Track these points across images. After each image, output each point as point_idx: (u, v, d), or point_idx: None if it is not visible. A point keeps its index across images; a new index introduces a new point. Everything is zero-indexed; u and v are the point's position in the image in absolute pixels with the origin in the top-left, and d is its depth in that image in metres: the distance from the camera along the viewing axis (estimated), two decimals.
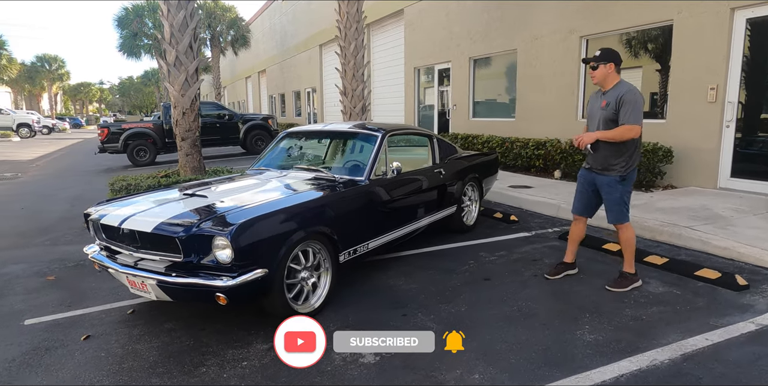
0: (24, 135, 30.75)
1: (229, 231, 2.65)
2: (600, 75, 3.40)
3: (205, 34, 26.35)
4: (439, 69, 12.25)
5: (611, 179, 3.43)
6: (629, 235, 3.53)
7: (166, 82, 6.35)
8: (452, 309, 3.26)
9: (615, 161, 3.39)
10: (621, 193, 3.45)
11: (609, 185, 3.45)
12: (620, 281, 3.54)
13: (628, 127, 3.26)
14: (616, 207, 3.48)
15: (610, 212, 3.52)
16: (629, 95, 3.27)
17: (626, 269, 3.58)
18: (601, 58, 3.38)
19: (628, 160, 3.40)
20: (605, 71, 3.38)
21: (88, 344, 2.96)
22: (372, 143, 3.99)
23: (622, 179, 3.42)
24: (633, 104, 3.25)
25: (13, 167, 14.41)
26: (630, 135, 3.28)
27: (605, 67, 3.38)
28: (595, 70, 3.39)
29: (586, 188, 3.65)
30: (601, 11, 7.67)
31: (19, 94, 50.33)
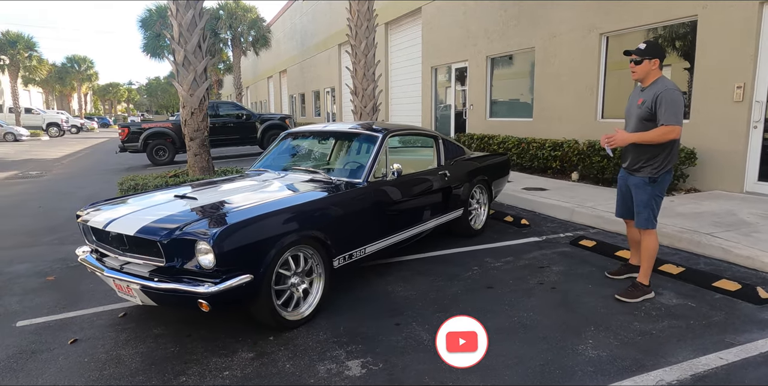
0: (53, 134, 31.59)
1: (211, 236, 2.55)
2: (642, 71, 3.20)
3: (226, 35, 26.61)
4: (456, 68, 12.05)
5: (640, 180, 3.27)
6: (652, 244, 3.33)
7: (175, 81, 6.34)
8: (449, 318, 3.10)
9: (647, 161, 3.22)
10: (650, 196, 3.25)
11: (638, 187, 3.29)
12: (631, 292, 3.33)
13: (669, 128, 3.05)
14: (644, 211, 3.28)
15: (638, 215, 3.32)
16: (667, 94, 3.07)
17: (640, 280, 3.38)
18: (646, 52, 3.17)
19: (662, 161, 3.20)
20: (649, 67, 3.18)
21: (73, 348, 2.90)
22: (372, 143, 3.86)
23: (652, 180, 3.23)
24: (672, 103, 3.05)
25: (39, 166, 14.74)
26: (670, 137, 3.08)
27: (650, 62, 3.18)
28: (639, 64, 3.19)
29: (623, 190, 3.51)
30: (622, 7, 7.38)
31: (51, 94, 51.78)
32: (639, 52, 3.19)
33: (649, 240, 3.32)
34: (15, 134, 25.89)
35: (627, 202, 3.51)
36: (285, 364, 2.62)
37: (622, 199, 3.56)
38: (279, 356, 2.71)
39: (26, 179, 11.83)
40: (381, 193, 3.68)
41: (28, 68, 33.37)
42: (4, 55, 30.90)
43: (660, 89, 3.13)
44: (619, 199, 3.59)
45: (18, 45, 30.98)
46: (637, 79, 3.30)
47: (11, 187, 10.27)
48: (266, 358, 2.69)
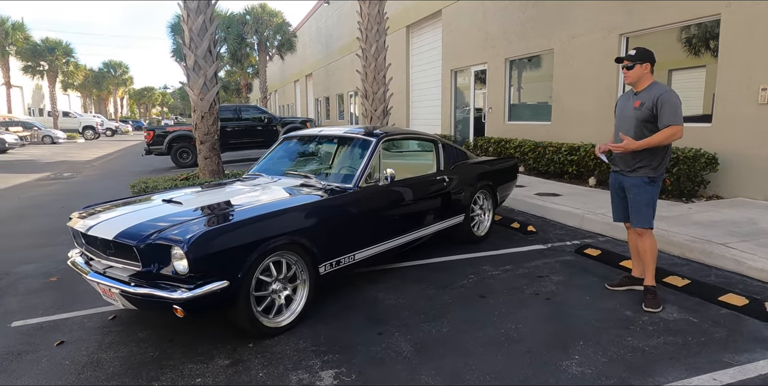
0: (88, 137, 32.72)
1: (185, 241, 2.54)
2: (635, 75, 3.25)
3: (252, 40, 27.03)
4: (476, 71, 11.89)
5: (640, 180, 3.27)
6: (652, 243, 3.32)
7: (186, 86, 6.43)
8: (433, 329, 3.02)
9: (647, 161, 3.23)
10: (651, 195, 3.28)
11: (637, 187, 3.29)
12: (653, 300, 3.24)
13: (675, 128, 3.09)
14: (645, 209, 3.28)
15: (637, 215, 3.31)
16: (668, 96, 3.12)
17: (648, 283, 3.33)
18: (636, 57, 3.23)
19: (661, 160, 3.25)
20: (641, 72, 3.24)
21: (58, 350, 2.94)
22: (365, 148, 3.80)
23: (652, 180, 3.26)
24: (673, 105, 3.11)
25: (71, 167, 15.24)
26: (676, 137, 3.12)
27: (641, 67, 3.23)
28: (630, 70, 3.25)
29: (618, 193, 3.50)
30: (642, 7, 7.13)
31: (89, 98, 53.71)
32: (630, 57, 3.24)
33: (649, 239, 3.32)
34: (52, 137, 26.90)
35: (622, 205, 3.49)
36: (258, 373, 2.59)
37: (616, 203, 3.55)
38: (254, 364, 2.68)
39: (57, 180, 12.24)
40: (372, 199, 3.62)
41: (66, 73, 34.68)
42: (44, 61, 32.18)
43: (660, 91, 3.16)
44: (616, 203, 3.55)
45: (56, 51, 32.23)
46: (629, 83, 3.33)
47: (41, 188, 10.63)
48: (241, 366, 2.66)
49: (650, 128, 3.18)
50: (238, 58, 28.30)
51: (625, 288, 3.56)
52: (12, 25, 29.67)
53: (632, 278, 3.59)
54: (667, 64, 7.08)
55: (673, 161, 6.10)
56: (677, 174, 6.05)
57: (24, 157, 18.65)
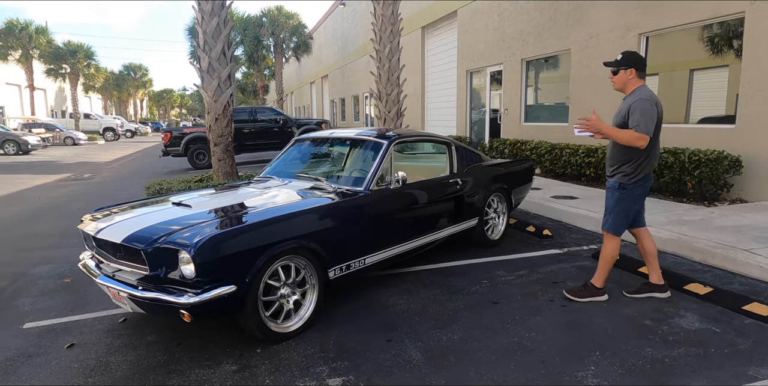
0: (109, 138, 33.26)
1: (192, 245, 2.51)
2: (619, 81, 3.23)
3: (268, 41, 27.20)
4: (491, 72, 11.77)
5: (612, 184, 3.32)
6: (610, 249, 3.35)
7: (200, 88, 6.46)
8: (444, 336, 2.95)
9: (619, 167, 3.25)
10: (616, 201, 3.28)
11: (609, 190, 3.35)
12: (580, 291, 3.39)
13: (637, 135, 3.00)
14: (609, 215, 3.33)
15: (604, 217, 3.38)
16: (640, 104, 3.04)
17: (594, 281, 3.42)
18: (621, 62, 3.19)
19: (634, 169, 3.19)
20: (625, 77, 3.19)
21: (68, 353, 2.94)
22: (376, 151, 3.75)
23: (622, 187, 3.24)
24: (643, 112, 3.01)
25: (91, 169, 15.48)
26: (637, 143, 3.02)
27: (626, 72, 3.18)
28: (616, 75, 3.23)
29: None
30: (663, 6, 6.96)
31: (109, 100, 54.65)
32: (615, 63, 3.20)
33: (609, 245, 3.34)
34: (74, 138, 27.39)
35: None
36: (265, 379, 2.55)
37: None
38: (261, 370, 2.64)
39: (77, 181, 12.43)
40: (383, 202, 3.56)
41: (87, 76, 35.31)
42: (66, 64, 32.83)
43: (634, 99, 3.10)
44: None
45: (78, 54, 32.85)
46: (617, 89, 3.29)
47: (60, 189, 10.79)
48: (248, 372, 2.63)
49: None
50: (254, 60, 28.49)
51: (644, 295, 3.46)
52: (35, 29, 30.32)
53: (651, 284, 3.49)
54: (689, 64, 6.90)
55: (694, 164, 5.94)
56: (699, 177, 5.88)
57: (46, 158, 19.01)
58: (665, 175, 6.31)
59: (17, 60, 30.58)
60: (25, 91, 32.83)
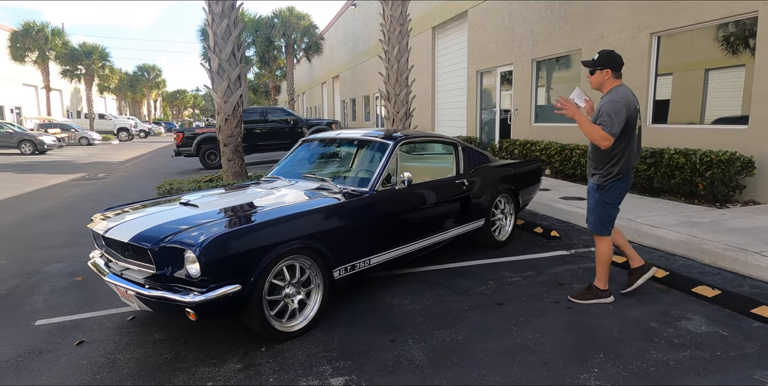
0: (123, 138, 33.68)
1: (197, 245, 2.55)
2: (595, 81, 3.28)
3: (280, 42, 27.35)
4: (502, 72, 11.72)
5: (591, 185, 3.41)
6: (604, 250, 3.40)
7: (210, 89, 6.52)
8: (448, 336, 2.96)
9: (595, 169, 3.34)
10: (596, 201, 3.35)
11: (588, 192, 3.44)
12: (584, 294, 3.42)
13: (602, 134, 3.07)
14: (591, 216, 3.41)
15: (588, 219, 3.47)
16: (610, 104, 3.10)
17: (596, 283, 3.43)
18: (598, 62, 3.23)
19: (609, 170, 3.25)
20: (601, 77, 3.24)
21: (77, 350, 2.99)
22: (382, 151, 3.76)
23: (600, 187, 3.32)
24: (610, 112, 3.06)
25: (105, 168, 15.69)
26: (600, 142, 3.10)
27: (602, 72, 3.22)
28: (592, 75, 3.28)
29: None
30: (675, 5, 6.89)
31: (123, 101, 55.33)
32: (591, 63, 3.25)
33: (601, 246, 3.40)
34: (88, 139, 27.78)
35: None
36: (269, 378, 2.57)
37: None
38: (266, 368, 2.67)
39: (91, 181, 12.60)
40: (388, 203, 3.57)
41: (102, 77, 35.79)
42: (81, 65, 33.30)
43: (606, 99, 3.15)
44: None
45: (93, 55, 33.29)
46: (594, 88, 3.34)
47: (74, 188, 10.95)
48: (252, 370, 2.65)
49: None
50: (266, 60, 28.67)
51: (639, 282, 3.50)
52: (51, 31, 30.81)
53: (635, 270, 3.54)
54: (704, 63, 6.80)
55: (706, 165, 5.87)
56: (711, 178, 5.81)
57: (61, 158, 19.31)
58: (676, 176, 6.25)
59: (34, 61, 31.09)
60: (42, 92, 33.37)
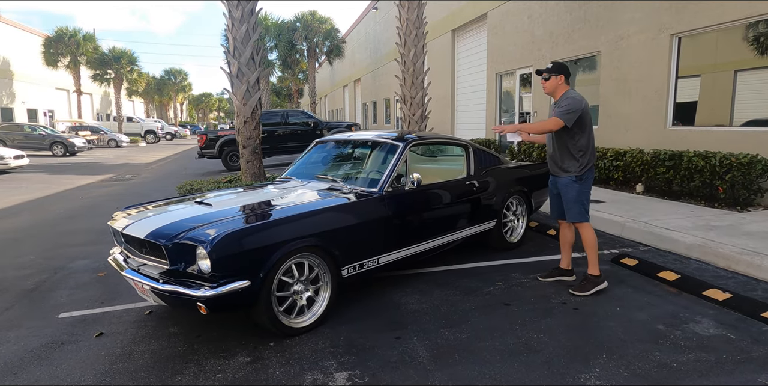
0: (150, 141, 34.52)
1: (208, 242, 2.65)
2: (550, 86, 3.66)
3: (302, 46, 27.69)
4: (521, 74, 11.68)
5: (568, 180, 3.68)
6: (590, 235, 3.70)
7: (230, 92, 6.69)
8: (452, 335, 3.00)
9: (569, 163, 3.65)
10: (578, 192, 3.66)
11: (566, 185, 3.69)
12: (583, 285, 3.62)
13: (552, 120, 3.51)
14: (574, 206, 3.68)
15: (569, 211, 3.72)
16: (567, 100, 3.55)
17: (590, 272, 3.69)
18: (552, 70, 3.64)
19: (582, 161, 3.63)
20: (555, 83, 3.64)
21: (96, 341, 3.13)
22: (392, 153, 3.83)
23: (579, 178, 3.64)
24: (566, 106, 3.52)
25: (131, 170, 16.13)
26: (548, 127, 3.52)
27: (556, 78, 3.63)
28: (547, 81, 3.65)
29: (553, 193, 3.90)
30: (696, 5, 6.79)
31: (150, 104, 56.71)
32: (547, 70, 3.65)
33: (586, 232, 3.70)
34: (117, 141, 28.59)
35: (557, 203, 3.87)
36: (275, 371, 2.66)
37: (552, 201, 3.94)
38: (273, 362, 2.75)
39: (118, 181, 12.99)
40: (398, 203, 3.63)
41: (130, 81, 36.79)
42: (110, 69, 34.30)
43: (563, 98, 3.60)
44: (553, 202, 3.94)
45: (122, 60, 34.26)
46: (547, 93, 3.74)
47: (103, 189, 11.32)
48: (260, 364, 2.74)
49: (566, 133, 3.58)
50: (288, 64, 29.06)
51: (554, 279, 3.89)
52: (83, 37, 31.81)
53: (560, 269, 3.94)
54: (731, 64, 6.65)
55: (725, 168, 5.77)
56: (731, 181, 5.71)
57: (90, 159, 19.92)
58: (695, 179, 6.15)
59: (66, 66, 32.14)
60: (73, 95, 34.45)
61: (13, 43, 29.73)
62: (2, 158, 14.22)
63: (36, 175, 14.06)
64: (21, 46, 30.60)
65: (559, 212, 3.90)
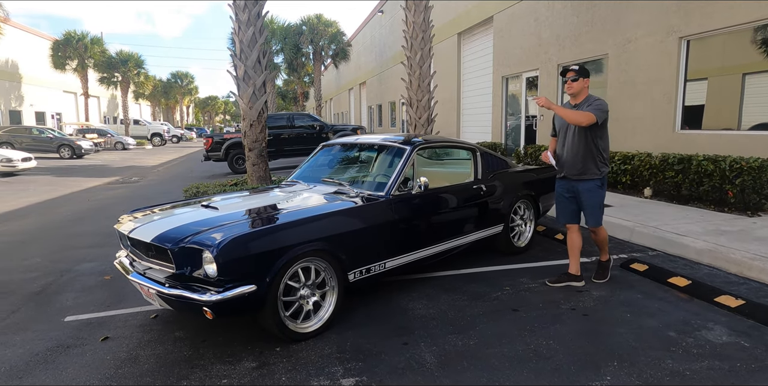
0: (156, 143, 34.68)
1: (214, 246, 2.64)
2: (577, 87, 3.67)
3: (308, 49, 27.77)
4: (527, 77, 11.64)
5: (592, 185, 3.71)
6: (604, 235, 3.92)
7: (236, 95, 6.69)
8: (460, 341, 2.96)
9: (591, 166, 3.68)
10: (602, 197, 3.75)
11: (591, 190, 3.72)
12: (602, 273, 3.89)
13: (586, 113, 3.52)
14: (598, 211, 3.76)
15: (593, 216, 3.77)
16: (599, 101, 3.64)
17: (603, 259, 3.99)
18: (581, 72, 3.67)
19: (604, 164, 3.72)
20: (582, 85, 3.67)
21: (102, 345, 3.11)
22: (399, 157, 3.81)
23: (601, 183, 3.72)
24: (600, 105, 3.60)
25: (138, 172, 16.19)
26: (580, 118, 3.50)
27: (583, 81, 3.67)
28: (575, 82, 3.66)
29: (565, 197, 3.89)
30: (706, 8, 6.74)
31: (157, 107, 57.03)
32: (576, 71, 3.67)
33: (602, 233, 3.89)
34: (123, 143, 28.74)
35: (571, 207, 3.88)
36: (281, 377, 2.63)
37: (566, 206, 3.90)
38: (279, 368, 2.73)
39: (124, 184, 13.04)
40: (405, 207, 3.61)
41: (137, 84, 37.03)
42: (117, 72, 34.53)
43: (594, 98, 3.66)
44: (564, 206, 3.92)
45: (129, 63, 34.50)
46: (571, 94, 3.75)
47: (108, 191, 11.36)
48: (266, 369, 2.72)
49: (595, 133, 3.63)
50: (294, 67, 29.15)
51: (563, 284, 3.87)
52: (91, 40, 32.05)
53: (569, 275, 3.91)
54: (740, 67, 6.59)
55: (736, 172, 5.70)
56: (741, 186, 5.65)
57: (97, 162, 20.03)
58: (705, 183, 6.09)
59: (74, 69, 32.38)
60: (81, 98, 34.69)
61: (21, 46, 29.97)
62: (10, 161, 14.31)
63: (43, 177, 14.14)
64: (30, 50, 30.86)
65: (569, 216, 3.90)
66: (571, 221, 3.91)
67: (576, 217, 3.90)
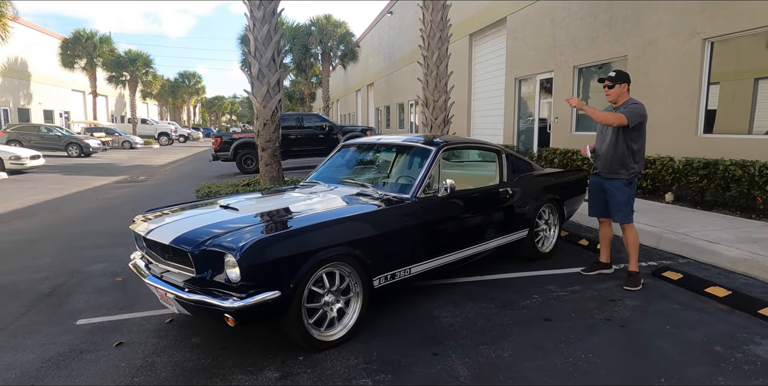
0: (163, 143, 34.68)
1: (238, 249, 2.49)
2: (615, 93, 3.81)
3: (316, 50, 27.69)
4: (541, 79, 11.47)
5: (619, 183, 3.87)
6: (633, 235, 3.96)
7: (250, 94, 6.57)
8: (493, 353, 2.81)
9: (622, 166, 3.83)
10: (628, 196, 3.88)
11: (617, 189, 3.88)
12: (633, 281, 3.83)
13: (618, 115, 3.68)
14: (625, 208, 3.88)
15: (619, 213, 3.91)
16: (637, 104, 3.73)
17: (632, 268, 3.93)
18: (617, 78, 3.78)
19: (636, 166, 3.85)
20: (620, 90, 3.79)
21: (116, 351, 2.98)
22: (424, 157, 3.66)
23: (629, 182, 3.86)
24: (636, 108, 3.70)
25: (145, 171, 16.12)
26: (611, 120, 3.68)
27: (620, 86, 3.78)
28: (612, 88, 3.79)
29: (598, 192, 4.07)
30: (730, 9, 6.56)
31: (164, 106, 57.10)
32: (611, 78, 3.80)
33: (631, 232, 3.96)
34: (131, 142, 28.71)
35: (600, 202, 4.06)
36: None
37: (596, 200, 4.11)
38: (303, 379, 2.58)
39: (132, 183, 12.95)
40: (430, 210, 3.46)
41: (145, 83, 37.05)
42: (126, 71, 34.56)
43: (632, 102, 3.77)
44: (595, 201, 4.12)
45: (137, 62, 34.52)
46: (611, 101, 3.89)
47: (116, 190, 11.27)
48: (290, 380, 2.57)
49: (628, 136, 3.75)
50: (302, 68, 29.07)
51: (596, 273, 4.14)
52: (99, 39, 32.09)
53: (601, 263, 4.22)
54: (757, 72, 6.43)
55: (765, 178, 5.53)
56: None
57: (105, 161, 19.98)
58: (732, 189, 5.91)
59: (82, 68, 32.42)
60: (89, 97, 34.72)
61: (31, 44, 30.02)
62: (18, 158, 14.27)
63: (51, 175, 14.07)
64: (39, 48, 30.91)
65: (600, 210, 4.11)
66: (602, 215, 4.12)
67: (606, 211, 4.06)
